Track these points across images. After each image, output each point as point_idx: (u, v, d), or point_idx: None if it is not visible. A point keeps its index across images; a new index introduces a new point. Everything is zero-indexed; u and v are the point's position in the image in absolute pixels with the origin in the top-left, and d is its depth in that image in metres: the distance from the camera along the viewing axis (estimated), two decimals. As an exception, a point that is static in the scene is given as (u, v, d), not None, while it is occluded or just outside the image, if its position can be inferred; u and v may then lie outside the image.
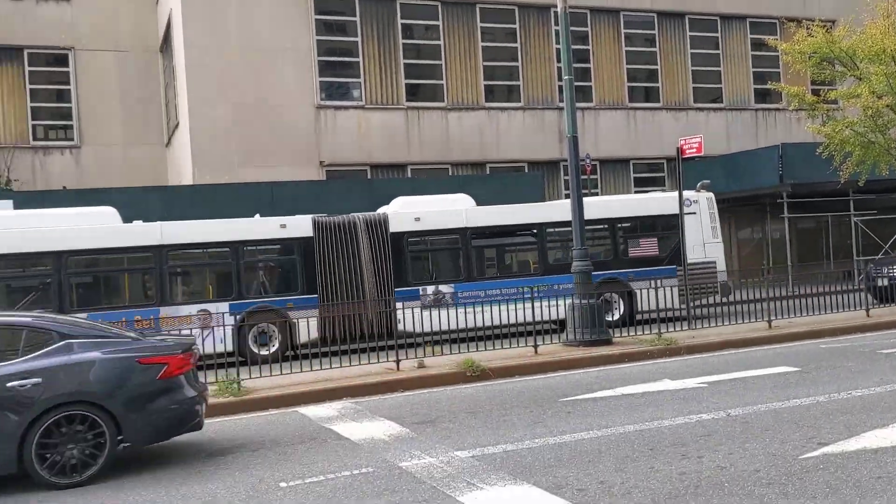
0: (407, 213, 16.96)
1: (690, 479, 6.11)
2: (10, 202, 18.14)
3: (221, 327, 13.25)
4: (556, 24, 25.10)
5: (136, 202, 19.35)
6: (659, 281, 15.25)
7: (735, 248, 29.03)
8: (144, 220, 16.07)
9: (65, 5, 26.24)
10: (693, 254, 17.99)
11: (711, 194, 19.12)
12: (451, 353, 12.81)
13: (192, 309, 14.98)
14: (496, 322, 14.37)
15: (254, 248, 16.15)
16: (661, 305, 14.53)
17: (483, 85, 26.13)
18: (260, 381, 11.57)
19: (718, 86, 29.52)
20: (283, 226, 16.07)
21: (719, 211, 19.30)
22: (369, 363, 12.41)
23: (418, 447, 7.69)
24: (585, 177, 22.33)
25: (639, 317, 16.88)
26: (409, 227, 16.74)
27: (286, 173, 22.32)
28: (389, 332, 13.65)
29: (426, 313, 15.06)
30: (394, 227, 16.53)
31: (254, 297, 15.85)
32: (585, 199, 18.72)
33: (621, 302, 17.62)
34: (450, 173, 25.35)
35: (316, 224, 16.12)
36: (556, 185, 26.69)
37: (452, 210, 17.30)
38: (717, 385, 10.05)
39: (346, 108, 24.47)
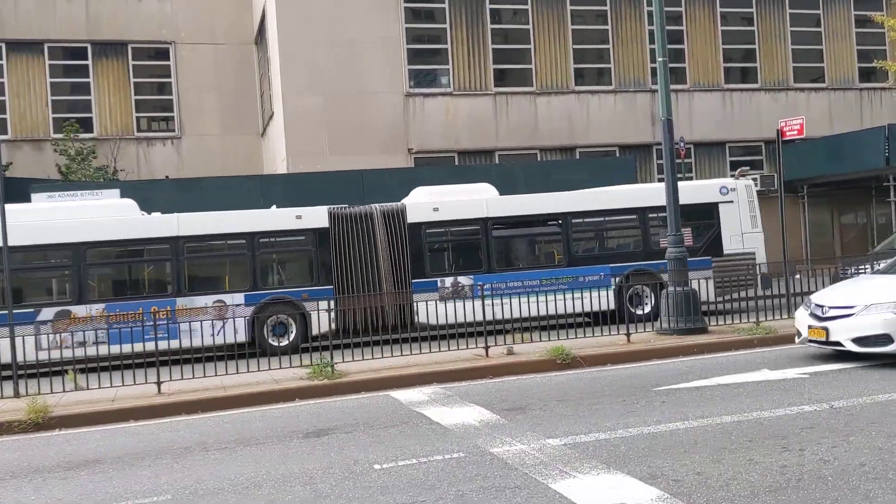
0: (425, 202, 16.60)
1: (792, 473, 5.92)
2: (116, 191, 19.03)
3: (237, 318, 13.49)
4: (649, 4, 24.55)
5: (233, 190, 19.99)
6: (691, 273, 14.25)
7: (837, 232, 27.86)
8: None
9: (165, 1, 27.21)
10: (731, 244, 17.40)
11: (751, 181, 18.31)
12: (540, 341, 12.75)
13: (209, 300, 15.13)
14: (518, 315, 13.84)
15: (269, 239, 16.01)
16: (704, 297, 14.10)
17: (573, 68, 25.78)
18: (352, 365, 11.81)
19: (820, 65, 28.27)
20: (299, 217, 16.00)
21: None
22: (458, 349, 12.48)
23: (509, 434, 7.70)
24: (679, 160, 21.77)
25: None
26: (428, 218, 16.39)
27: (375, 161, 22.60)
28: (406, 325, 13.73)
29: (443, 305, 14.65)
30: (412, 217, 16.23)
31: (269, 289, 15.80)
32: (613, 188, 18.22)
33: (652, 295, 16.78)
34: (538, 159, 25.17)
35: (332, 215, 16.03)
36: (648, 169, 26.15)
37: (472, 200, 16.83)
38: (820, 376, 9.69)
39: (434, 95, 24.58)
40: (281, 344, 14.68)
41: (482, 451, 7.14)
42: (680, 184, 18.61)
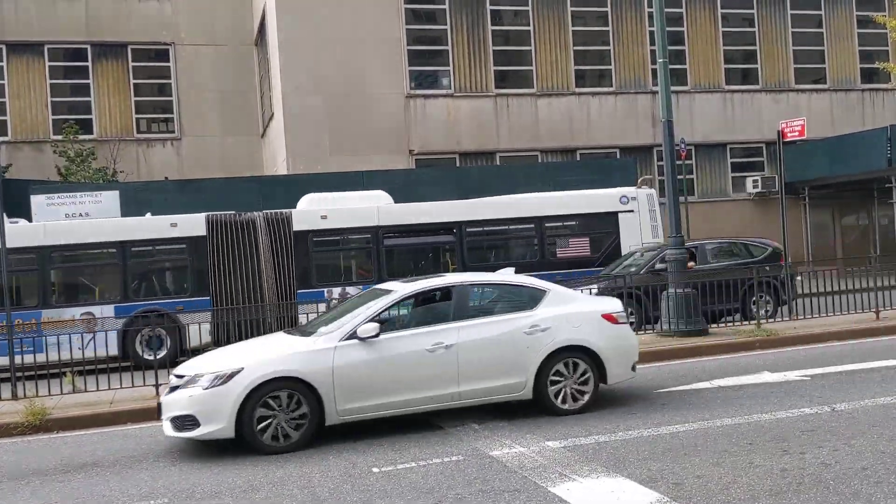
0: (313, 210, 16.22)
1: (793, 476, 5.88)
2: (116, 192, 18.98)
3: (107, 331, 12.95)
4: (649, 5, 24.51)
5: (233, 191, 19.94)
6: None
7: (839, 234, 27.81)
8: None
9: (165, 2, 27.21)
10: None
11: (652, 191, 18.00)
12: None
13: (76, 312, 14.65)
14: None
15: (143, 248, 15.54)
16: None
17: (573, 70, 25.76)
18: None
19: (822, 66, 28.24)
20: (174, 224, 15.49)
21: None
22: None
23: (509, 437, 7.66)
24: (680, 162, 21.74)
25: None
26: (315, 226, 15.96)
27: (377, 162, 22.58)
28: None
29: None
30: (297, 225, 15.82)
31: (142, 300, 15.29)
32: (512, 197, 17.83)
33: None
34: (539, 160, 25.14)
35: (210, 222, 15.53)
36: (649, 170, 26.09)
37: (363, 208, 16.41)
38: (821, 378, 9.65)
39: (435, 96, 24.56)
40: (158, 357, 12.74)
41: (482, 454, 7.10)
42: (580, 193, 18.14)
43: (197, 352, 10.32)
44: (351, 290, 15.79)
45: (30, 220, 16.74)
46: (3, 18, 25.63)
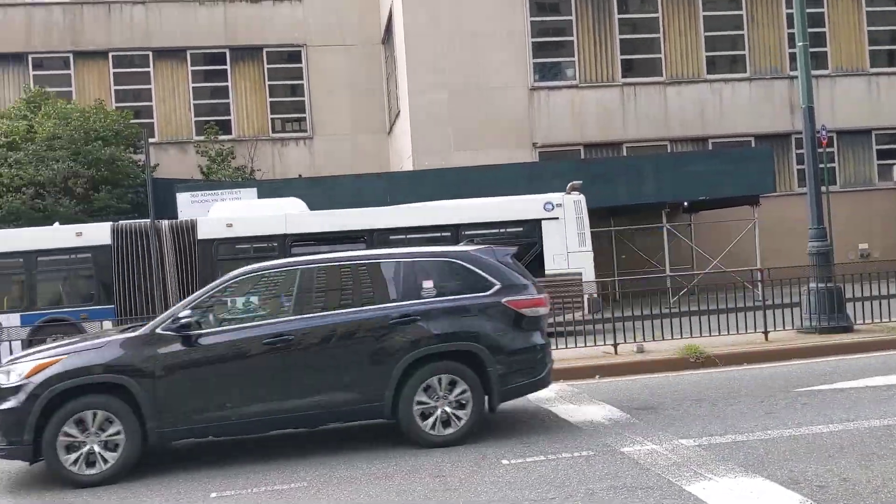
0: (218, 218, 16.02)
1: (953, 484, 5.49)
2: (254, 190, 19.91)
3: (12, 340, 12.99)
4: (787, -14, 23.37)
5: (362, 188, 20.48)
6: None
7: None
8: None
9: (297, 5, 28.18)
10: (554, 263, 16.18)
11: (581, 197, 16.73)
12: (672, 339, 12.38)
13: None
14: None
15: (49, 257, 15.78)
16: None
17: (705, 56, 24.90)
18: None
19: (980, 42, 26.11)
20: (80, 234, 15.77)
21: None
22: (585, 346, 12.30)
23: (640, 433, 7.52)
24: (821, 150, 20.64)
25: None
26: (220, 234, 15.75)
27: (500, 156, 22.61)
28: None
29: None
30: (202, 233, 15.65)
31: (47, 309, 15.60)
32: (428, 203, 17.01)
33: None
34: (668, 150, 24.46)
35: (115, 231, 15.70)
36: (786, 159, 24.95)
37: (270, 216, 16.17)
38: (983, 380, 8.94)
39: (559, 88, 24.34)
40: None
41: (612, 449, 7.01)
42: (501, 199, 17.28)
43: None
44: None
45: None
46: (149, 27, 27.28)
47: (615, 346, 12.05)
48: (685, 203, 21.72)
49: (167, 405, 6.91)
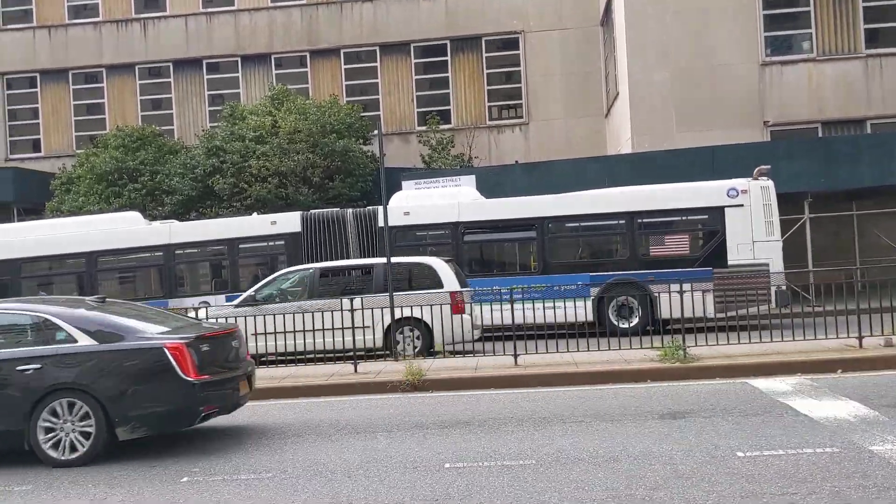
0: (396, 206, 16.22)
1: None
2: (472, 177, 20.42)
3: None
4: None
5: (576, 172, 20.39)
6: (686, 285, 11.74)
7: None
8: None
9: (514, -9, 28.43)
10: (738, 254, 15.33)
11: (770, 182, 15.19)
12: (926, 331, 11.24)
13: (195, 301, 15.71)
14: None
15: (247, 244, 17.40)
16: (689, 313, 11.58)
17: (967, 19, 22.19)
18: (703, 350, 11.41)
19: None
20: (274, 222, 17.09)
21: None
22: (826, 338, 11.47)
23: (891, 432, 6.94)
24: None
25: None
26: (399, 222, 15.98)
27: (725, 136, 21.48)
28: None
29: None
30: (381, 221, 15.10)
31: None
32: (600, 191, 16.44)
33: (640, 307, 15.35)
34: (923, 126, 22.10)
35: (304, 220, 16.86)
36: None
37: (444, 204, 16.65)
38: None
39: (793, 62, 22.71)
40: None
41: (859, 447, 6.53)
42: (679, 186, 16.30)
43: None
44: None
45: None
46: (376, 23, 28.72)
47: (860, 338, 11.13)
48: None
49: None
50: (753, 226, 15.55)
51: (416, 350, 13.24)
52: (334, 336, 12.30)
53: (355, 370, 11.72)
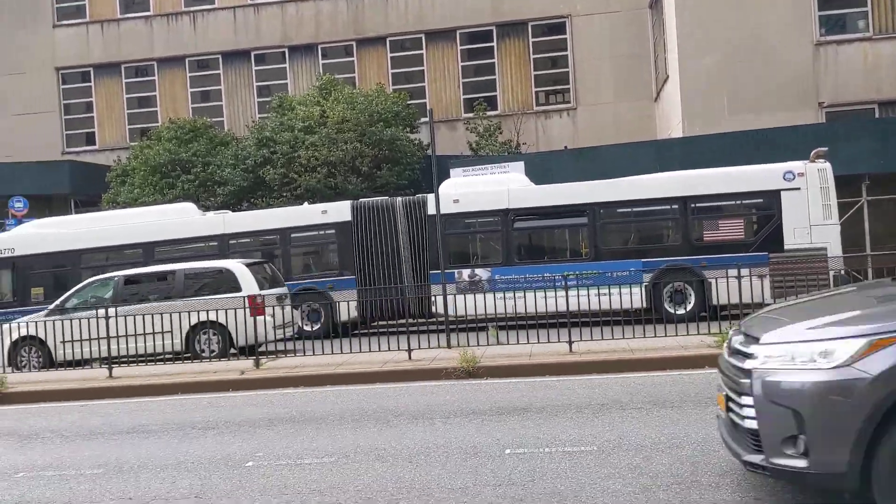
0: (445, 194, 15.91)
1: None
2: (521, 164, 20.36)
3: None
4: None
5: (626, 157, 20.21)
6: (742, 270, 11.56)
7: None
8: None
9: (560, -25, 28.14)
10: (795, 238, 15.12)
11: (827, 165, 14.78)
12: None
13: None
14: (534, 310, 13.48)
15: (299, 234, 17.82)
16: (746, 298, 11.33)
17: None
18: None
19: None
20: (324, 212, 17.58)
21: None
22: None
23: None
24: None
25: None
26: (448, 210, 15.85)
27: (777, 119, 21.06)
28: (424, 314, 14.94)
29: (462, 297, 14.30)
30: (432, 209, 15.20)
31: (299, 279, 17.44)
32: (652, 176, 16.29)
33: (695, 293, 15.18)
34: None
35: (354, 209, 17.26)
36: None
37: (493, 191, 16.64)
38: None
39: (849, 41, 22.14)
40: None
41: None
42: (733, 170, 16.04)
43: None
44: (481, 271, 16.38)
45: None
46: (422, 10, 28.71)
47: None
48: None
49: None
50: (811, 209, 15.30)
51: (213, 354, 13.79)
52: (136, 342, 13.36)
53: (409, 357, 11.83)
